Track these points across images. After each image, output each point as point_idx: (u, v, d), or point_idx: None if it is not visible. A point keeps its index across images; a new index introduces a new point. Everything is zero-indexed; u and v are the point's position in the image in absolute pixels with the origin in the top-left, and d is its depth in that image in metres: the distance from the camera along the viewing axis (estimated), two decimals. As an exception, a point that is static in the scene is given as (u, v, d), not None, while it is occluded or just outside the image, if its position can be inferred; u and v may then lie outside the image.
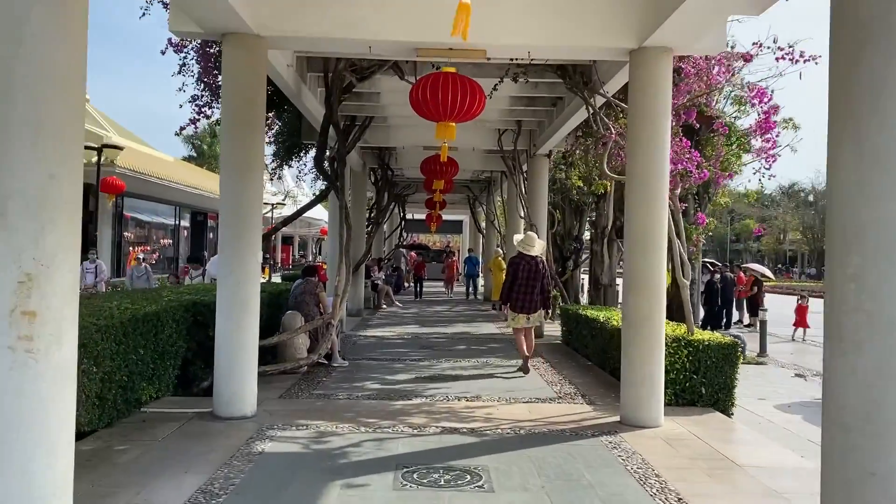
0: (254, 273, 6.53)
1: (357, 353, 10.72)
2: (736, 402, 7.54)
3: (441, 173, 13.27)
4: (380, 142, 13.47)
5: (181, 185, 25.86)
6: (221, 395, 6.46)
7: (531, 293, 9.14)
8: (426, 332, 13.67)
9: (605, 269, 19.87)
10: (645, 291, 6.49)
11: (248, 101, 6.52)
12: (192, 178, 28.10)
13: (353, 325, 14.42)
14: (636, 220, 6.56)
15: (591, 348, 10.40)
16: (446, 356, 10.63)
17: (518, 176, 13.52)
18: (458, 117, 6.83)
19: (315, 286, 9.34)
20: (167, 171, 26.21)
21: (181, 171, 27.84)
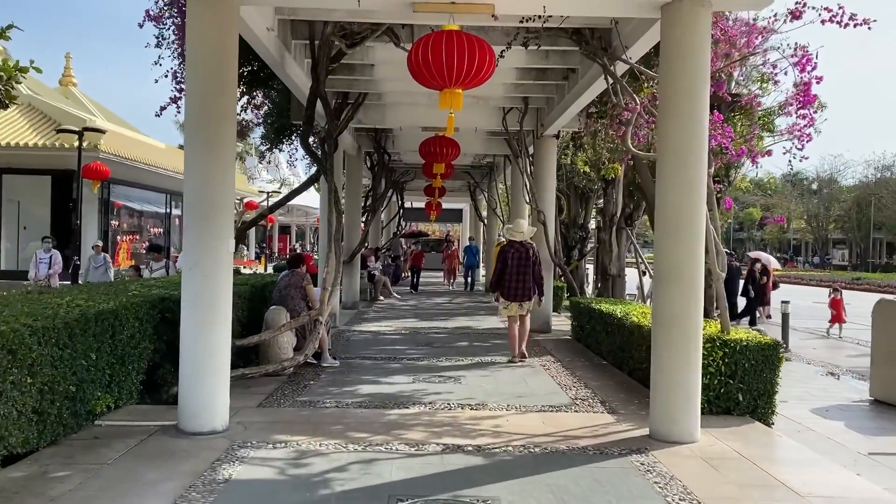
0: (224, 263, 5.61)
1: (350, 351, 9.82)
2: (776, 410, 6.64)
3: (441, 156, 12.31)
4: (375, 122, 12.52)
5: (171, 172, 24.89)
6: (187, 406, 5.56)
7: (523, 280, 8.95)
8: (425, 327, 12.77)
9: (614, 259, 18.95)
10: (680, 285, 5.57)
11: (217, 66, 5.57)
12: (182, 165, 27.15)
13: (347, 319, 13.52)
14: (670, 203, 5.63)
15: (605, 346, 9.51)
16: (447, 354, 9.73)
17: (524, 159, 12.58)
18: (466, 82, 5.87)
19: (302, 278, 8.43)
20: (157, 157, 25.26)
21: (173, 157, 26.84)
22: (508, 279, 9.01)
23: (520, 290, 8.99)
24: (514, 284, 9.00)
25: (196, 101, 5.56)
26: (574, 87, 9.62)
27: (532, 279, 9.04)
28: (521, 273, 8.98)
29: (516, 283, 8.99)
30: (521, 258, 8.99)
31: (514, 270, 8.98)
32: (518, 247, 9.06)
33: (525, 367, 8.86)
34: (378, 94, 11.57)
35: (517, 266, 8.98)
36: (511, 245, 9.13)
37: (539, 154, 12.43)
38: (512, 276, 9.00)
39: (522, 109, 11.97)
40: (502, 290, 9.09)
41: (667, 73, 5.69)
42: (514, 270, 8.98)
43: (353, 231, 15.60)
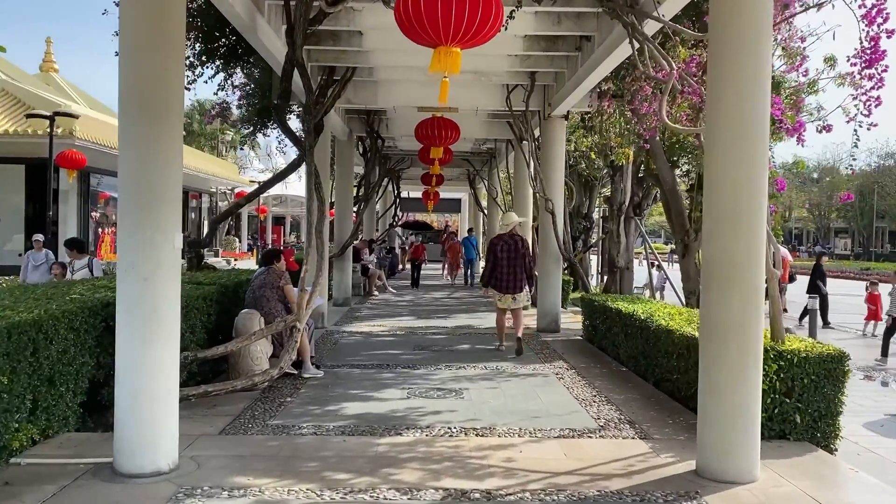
0: (169, 265, 4.49)
1: (337, 358, 8.73)
2: (841, 433, 5.57)
3: (440, 139, 11.20)
4: (366, 102, 11.37)
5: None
6: (124, 441, 4.47)
7: (513, 273, 8.95)
8: (422, 327, 11.68)
9: (622, 251, 17.89)
10: (738, 288, 4.47)
11: (157, 13, 4.44)
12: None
13: (337, 318, 12.43)
14: (725, 188, 4.51)
15: (624, 350, 8.44)
16: (447, 360, 8.65)
17: (530, 143, 11.44)
18: (466, 39, 4.76)
19: (278, 276, 7.32)
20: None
21: None
22: (499, 272, 8.99)
23: (511, 283, 8.97)
24: (506, 277, 8.97)
25: (130, 59, 4.43)
26: (589, 57, 8.48)
27: (523, 271, 9.01)
28: (511, 265, 8.95)
29: (507, 276, 8.96)
30: (510, 250, 8.95)
31: (504, 263, 8.96)
32: (507, 239, 9.02)
33: (536, 377, 7.78)
34: (368, 70, 10.43)
35: (507, 259, 8.94)
36: (500, 238, 9.13)
37: (546, 137, 11.31)
38: (502, 269, 8.96)
39: (528, 87, 10.83)
40: (494, 284, 9.10)
41: (722, 22, 4.56)
42: (505, 263, 8.96)
43: (345, 222, 14.50)
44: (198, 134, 56.79)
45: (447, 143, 11.31)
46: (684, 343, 6.47)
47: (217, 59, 10.37)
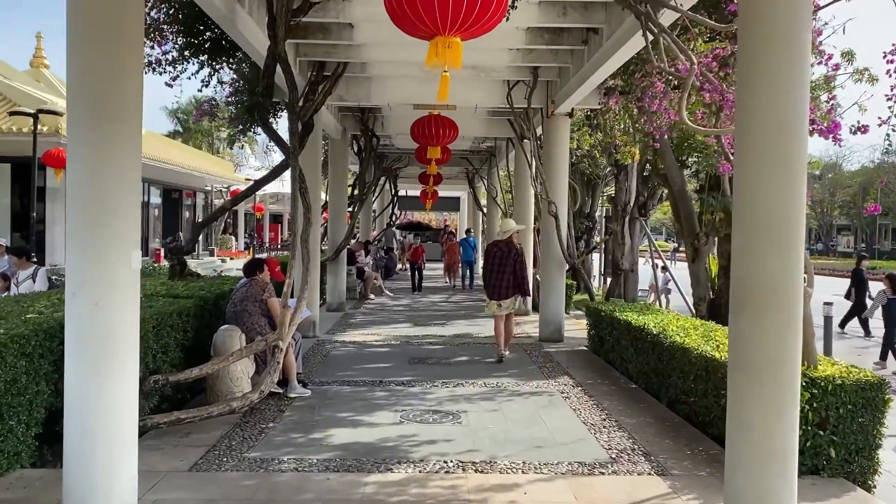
0: (126, 287, 3.94)
1: (326, 373, 8.18)
2: (880, 468, 5.03)
3: (437, 138, 10.64)
4: (359, 99, 10.80)
5: (146, 160, 23.13)
6: (74, 485, 3.93)
7: (501, 279, 9.06)
8: (419, 336, 11.12)
9: (626, 252, 17.29)
10: (773, 314, 3.91)
11: (111, 0, 3.88)
12: (163, 152, 25.31)
13: (329, 326, 11.87)
14: (758, 197, 3.95)
15: (633, 364, 7.89)
16: (444, 375, 8.10)
17: (532, 142, 10.88)
18: (466, 28, 4.20)
19: (262, 289, 6.76)
20: None
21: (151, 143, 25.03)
22: (489, 277, 9.17)
23: (499, 289, 9.07)
24: (495, 283, 9.11)
25: (79, 53, 3.87)
26: (596, 51, 7.91)
27: (513, 277, 9.07)
28: (501, 271, 9.07)
29: (496, 282, 9.10)
30: (501, 256, 9.10)
31: (495, 269, 9.12)
32: (501, 245, 9.21)
33: (540, 396, 7.23)
34: (361, 65, 9.86)
35: (497, 265, 9.11)
36: (495, 244, 9.35)
37: (549, 136, 10.74)
38: (493, 274, 9.13)
39: (531, 83, 10.26)
40: (487, 290, 9.30)
41: (754, 8, 4.00)
42: (496, 269, 9.12)
43: (338, 224, 13.94)
44: (194, 131, 56.24)
45: (445, 143, 10.75)
46: (702, 364, 5.93)
47: (201, 53, 9.81)
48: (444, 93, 4.75)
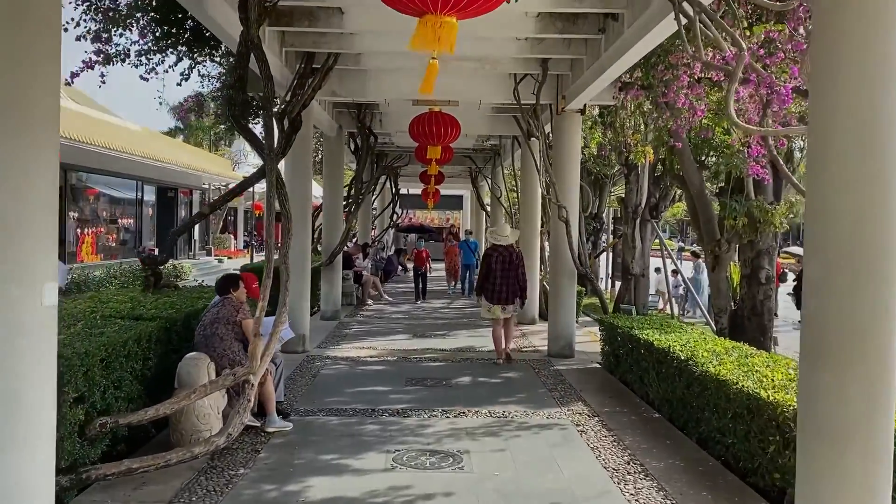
0: (36, 329, 3.10)
1: (313, 397, 7.35)
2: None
3: (437, 137, 9.80)
4: (353, 94, 9.96)
5: (139, 157, 22.34)
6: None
7: (505, 284, 9.09)
8: (417, 350, 10.29)
9: (637, 256, 16.44)
10: (859, 366, 3.08)
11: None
12: (156, 150, 24.47)
13: (322, 338, 11.05)
14: (842, 218, 3.11)
15: (655, 390, 7.06)
16: (444, 401, 7.27)
17: (541, 141, 10.02)
18: (461, 7, 3.36)
19: (235, 309, 5.93)
20: (127, 141, 22.69)
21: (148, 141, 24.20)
22: (492, 283, 9.12)
23: (503, 294, 9.10)
24: (498, 288, 9.10)
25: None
26: (616, 40, 7.05)
27: (516, 282, 9.14)
28: (504, 276, 9.10)
29: (500, 287, 9.10)
30: (504, 261, 9.10)
31: (497, 274, 9.09)
32: (502, 250, 9.16)
33: (552, 430, 6.39)
34: (354, 57, 9.01)
35: (501, 269, 9.10)
36: (495, 249, 9.25)
37: (559, 134, 9.89)
38: (496, 279, 9.10)
39: (540, 77, 9.41)
40: (486, 294, 9.23)
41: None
42: (499, 274, 9.09)
43: (334, 226, 13.11)
44: (195, 128, 55.40)
45: (446, 142, 9.92)
46: (743, 402, 5.09)
47: (180, 44, 8.98)
48: (430, 83, 3.94)
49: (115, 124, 24.67)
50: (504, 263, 9.10)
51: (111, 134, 22.36)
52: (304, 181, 9.77)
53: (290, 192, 9.72)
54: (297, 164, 9.70)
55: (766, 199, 10.46)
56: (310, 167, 9.93)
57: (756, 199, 10.34)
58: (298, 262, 9.68)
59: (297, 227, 9.53)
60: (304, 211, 9.79)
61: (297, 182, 9.72)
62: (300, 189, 9.73)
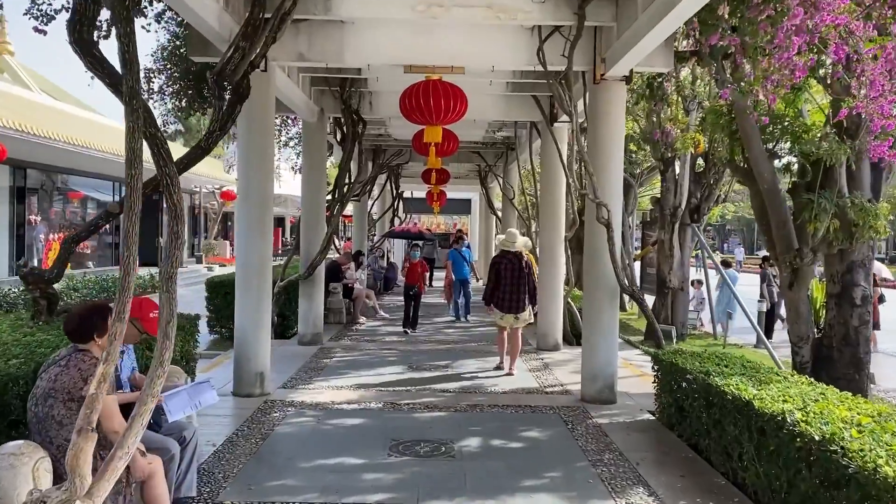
0: None
1: (250, 482, 5.00)
2: None
3: (437, 113, 7.47)
4: (327, 58, 7.60)
5: (113, 156, 20.16)
6: None
7: (517, 292, 8.86)
8: (411, 391, 7.95)
9: (675, 267, 14.02)
10: None
11: None
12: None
13: (292, 372, 8.75)
14: None
15: (755, 474, 4.71)
16: (443, 487, 4.93)
17: (573, 121, 7.63)
18: None
19: (83, 376, 3.57)
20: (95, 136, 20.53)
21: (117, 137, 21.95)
22: (502, 291, 8.88)
23: (514, 302, 8.87)
24: (509, 296, 8.86)
25: None
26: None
27: (526, 289, 8.90)
28: (514, 284, 8.85)
29: (510, 295, 8.86)
30: (514, 269, 8.87)
31: (507, 282, 8.86)
32: (510, 257, 8.94)
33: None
34: (325, 3, 6.66)
35: (510, 277, 8.85)
36: (503, 256, 9.02)
37: (597, 111, 7.55)
38: (506, 287, 8.87)
39: (572, 32, 7.07)
40: (496, 302, 8.96)
41: None
42: (508, 282, 8.86)
43: (314, 230, 10.79)
44: (196, 130, 53.29)
45: (449, 120, 7.57)
46: None
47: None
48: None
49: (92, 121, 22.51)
50: (514, 270, 8.81)
51: (83, 129, 20.22)
52: (262, 171, 7.48)
53: (243, 185, 7.46)
54: (251, 147, 7.43)
55: (864, 194, 8.10)
56: (268, 153, 7.61)
57: (851, 195, 7.99)
58: (252, 276, 7.39)
59: (254, 231, 7.27)
60: (261, 210, 7.50)
61: (251, 172, 7.44)
62: (256, 181, 7.44)
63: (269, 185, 7.58)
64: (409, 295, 12.33)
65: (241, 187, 7.47)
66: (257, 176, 7.45)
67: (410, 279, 12.47)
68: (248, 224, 7.42)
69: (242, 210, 7.48)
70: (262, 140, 7.46)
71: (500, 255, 9.10)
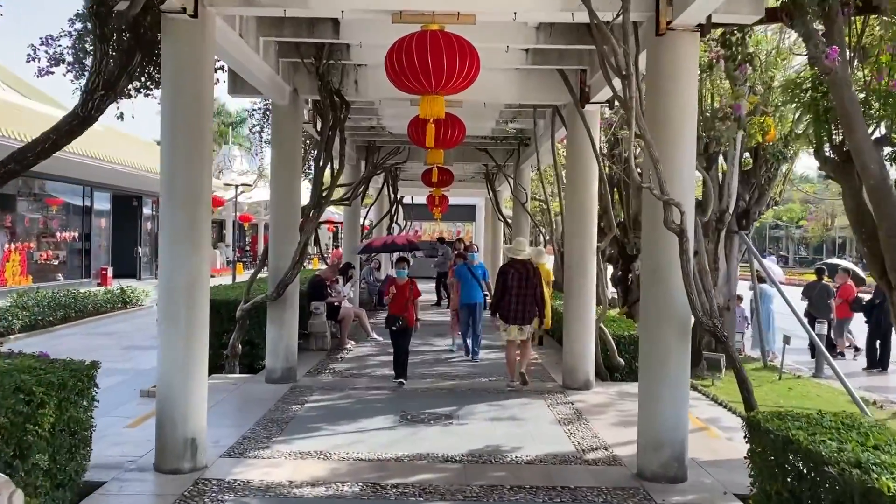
0: None
1: None
2: None
3: (438, 78, 5.34)
4: (287, 0, 5.50)
5: (80, 156, 18.08)
6: None
7: (522, 302, 8.47)
8: (402, 460, 5.81)
9: (720, 282, 11.92)
10: None
11: None
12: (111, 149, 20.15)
13: (247, 428, 6.60)
14: None
15: None
16: None
17: (627, 88, 5.40)
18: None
19: None
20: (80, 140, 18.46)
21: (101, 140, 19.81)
22: (507, 301, 8.48)
23: (519, 313, 8.46)
24: (514, 307, 8.46)
25: None
26: None
27: (534, 300, 8.53)
28: (521, 294, 8.44)
29: (516, 306, 8.46)
30: (521, 278, 8.45)
31: (513, 292, 8.45)
32: (518, 266, 8.57)
33: None
34: None
35: (517, 287, 8.44)
36: (511, 264, 8.72)
37: (659, 73, 5.45)
38: (511, 297, 8.45)
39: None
40: (501, 313, 8.57)
41: None
42: (515, 292, 8.45)
43: (285, 242, 8.67)
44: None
45: (455, 87, 5.42)
46: None
47: None
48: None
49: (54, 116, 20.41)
50: (521, 280, 8.45)
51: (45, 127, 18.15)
52: (193, 158, 5.37)
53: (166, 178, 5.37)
54: (177, 125, 5.33)
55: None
56: (202, 132, 5.44)
57: None
58: (179, 304, 5.28)
59: (182, 241, 5.16)
60: (193, 211, 5.38)
61: (177, 159, 5.34)
62: (185, 172, 5.34)
63: (202, 178, 5.46)
64: (395, 331, 8.69)
65: (164, 181, 5.36)
66: (186, 165, 5.34)
67: (395, 307, 8.73)
68: (172, 231, 5.31)
69: (166, 212, 5.37)
70: (193, 114, 5.36)
71: (508, 263, 8.84)
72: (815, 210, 65.44)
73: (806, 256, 75.31)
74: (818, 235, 72.35)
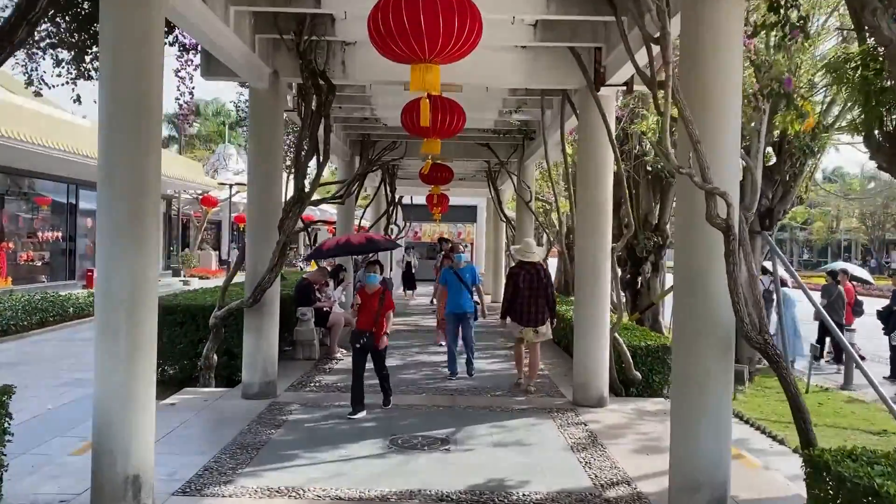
0: None
1: None
2: None
3: (431, 42, 4.44)
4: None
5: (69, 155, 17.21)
6: None
7: (535, 304, 8.36)
8: (390, 500, 4.90)
9: (743, 287, 10.96)
10: None
11: None
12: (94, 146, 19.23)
13: (212, 454, 5.68)
14: None
15: None
16: None
17: (666, 44, 4.47)
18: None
19: None
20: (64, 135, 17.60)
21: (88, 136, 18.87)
22: (520, 303, 8.35)
23: (533, 315, 8.33)
24: (528, 309, 8.33)
25: None
26: None
27: (545, 302, 8.40)
28: (533, 296, 8.34)
29: (529, 307, 8.34)
30: (532, 280, 8.37)
31: (525, 294, 8.33)
32: (528, 268, 8.48)
33: None
34: None
35: (529, 289, 8.33)
36: (521, 267, 8.55)
37: (698, 37, 4.54)
38: (524, 299, 8.34)
39: None
40: (514, 315, 8.44)
41: None
42: (527, 294, 8.33)
43: (263, 242, 7.75)
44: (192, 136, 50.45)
45: (452, 55, 4.53)
46: None
47: None
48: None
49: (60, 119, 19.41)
50: (532, 282, 8.36)
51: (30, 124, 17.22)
52: (137, 138, 4.47)
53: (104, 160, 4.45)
54: (118, 96, 4.43)
55: None
56: (150, 106, 4.55)
57: None
58: (118, 313, 4.38)
59: (121, 237, 4.24)
60: (136, 202, 4.48)
61: (116, 137, 4.44)
62: (125, 153, 4.44)
63: (149, 163, 4.55)
64: (358, 348, 7.13)
65: (101, 165, 4.47)
66: (128, 147, 4.43)
67: (361, 321, 7.21)
68: (110, 227, 4.41)
69: (103, 204, 4.47)
70: (137, 86, 4.45)
71: (518, 265, 8.67)
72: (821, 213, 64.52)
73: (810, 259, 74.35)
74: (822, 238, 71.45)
